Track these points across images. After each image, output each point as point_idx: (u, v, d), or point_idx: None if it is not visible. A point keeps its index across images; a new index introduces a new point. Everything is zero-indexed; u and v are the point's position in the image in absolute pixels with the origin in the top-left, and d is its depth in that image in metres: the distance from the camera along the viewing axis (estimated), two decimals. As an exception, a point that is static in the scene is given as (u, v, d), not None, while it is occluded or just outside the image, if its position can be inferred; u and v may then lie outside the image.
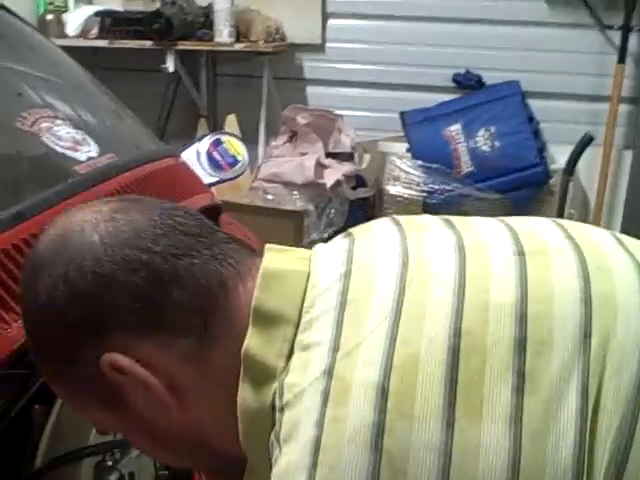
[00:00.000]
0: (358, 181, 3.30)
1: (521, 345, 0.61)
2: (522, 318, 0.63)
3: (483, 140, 3.23)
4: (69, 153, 1.09)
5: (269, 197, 3.12)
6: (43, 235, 0.72)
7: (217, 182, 1.56)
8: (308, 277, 0.69)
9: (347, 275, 0.68)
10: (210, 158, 1.54)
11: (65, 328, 0.68)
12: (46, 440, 0.97)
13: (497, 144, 3.22)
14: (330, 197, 3.16)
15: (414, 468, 0.58)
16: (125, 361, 0.67)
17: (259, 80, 3.56)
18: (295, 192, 3.12)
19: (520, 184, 3.18)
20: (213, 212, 1.34)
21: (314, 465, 0.59)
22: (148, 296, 0.66)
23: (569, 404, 0.59)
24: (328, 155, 3.22)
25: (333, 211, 3.17)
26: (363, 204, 3.29)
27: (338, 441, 0.59)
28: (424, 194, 3.19)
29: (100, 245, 0.67)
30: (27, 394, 0.97)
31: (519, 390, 0.60)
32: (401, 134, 3.38)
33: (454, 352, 0.61)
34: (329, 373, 0.62)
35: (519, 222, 0.75)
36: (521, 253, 0.68)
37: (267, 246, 0.74)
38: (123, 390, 0.68)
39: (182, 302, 0.67)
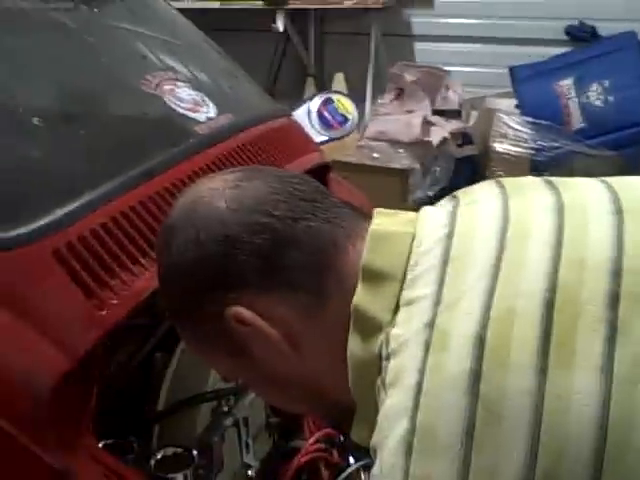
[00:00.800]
0: (465, 138, 3.26)
1: (614, 298, 0.63)
2: (617, 273, 0.64)
3: (596, 94, 3.12)
4: (190, 114, 1.15)
5: (375, 155, 3.13)
6: (176, 202, 0.79)
7: (327, 140, 1.60)
8: (413, 238, 0.74)
9: (450, 236, 0.72)
10: (321, 117, 1.58)
11: (194, 284, 0.75)
12: (167, 386, 1.04)
13: (611, 98, 3.10)
14: (436, 155, 3.14)
15: (508, 411, 0.61)
16: (248, 314, 0.73)
17: (366, 37, 3.55)
18: (401, 150, 3.11)
19: (634, 141, 3.06)
20: (323, 170, 1.38)
21: (416, 407, 0.64)
22: (269, 256, 0.73)
23: None
24: (435, 112, 3.20)
25: (439, 169, 3.15)
26: (469, 162, 3.26)
27: (438, 386, 0.64)
28: (532, 151, 3.12)
29: (226, 210, 0.74)
30: (150, 343, 1.05)
31: (611, 340, 0.62)
32: (510, 90, 3.31)
33: (549, 306, 0.64)
34: (431, 325, 0.66)
35: (620, 181, 0.76)
36: (619, 212, 0.70)
37: (376, 210, 0.79)
38: (246, 341, 0.74)
39: (299, 261, 0.73)
